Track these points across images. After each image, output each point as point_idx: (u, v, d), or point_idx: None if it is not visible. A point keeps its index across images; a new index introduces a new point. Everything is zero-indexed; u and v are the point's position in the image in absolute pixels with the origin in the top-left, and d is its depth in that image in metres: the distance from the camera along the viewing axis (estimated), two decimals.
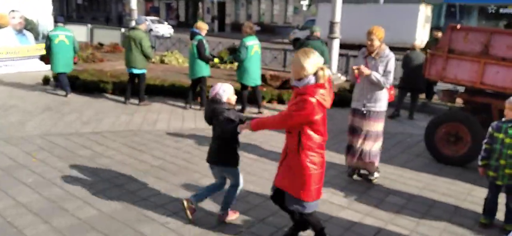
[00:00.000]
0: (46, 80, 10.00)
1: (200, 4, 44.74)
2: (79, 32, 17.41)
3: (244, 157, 5.40)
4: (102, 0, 55.87)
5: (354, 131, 5.03)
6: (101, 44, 17.95)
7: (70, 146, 5.86)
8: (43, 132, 6.39)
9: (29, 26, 11.50)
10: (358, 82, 4.94)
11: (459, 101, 6.82)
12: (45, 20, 11.84)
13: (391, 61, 4.78)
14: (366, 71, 4.73)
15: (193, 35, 8.09)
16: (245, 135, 4.88)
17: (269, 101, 9.38)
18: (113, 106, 8.39)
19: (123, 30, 19.51)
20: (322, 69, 3.12)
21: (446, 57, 5.84)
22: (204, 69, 8.21)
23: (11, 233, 3.55)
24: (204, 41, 8.06)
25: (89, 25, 20.85)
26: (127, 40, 8.26)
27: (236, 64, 8.77)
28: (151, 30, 28.93)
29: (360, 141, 4.95)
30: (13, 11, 11.15)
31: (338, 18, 12.06)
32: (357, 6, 25.12)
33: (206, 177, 4.88)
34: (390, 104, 5.20)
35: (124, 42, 8.75)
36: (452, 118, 5.98)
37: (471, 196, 4.85)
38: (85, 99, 8.84)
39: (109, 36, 19.74)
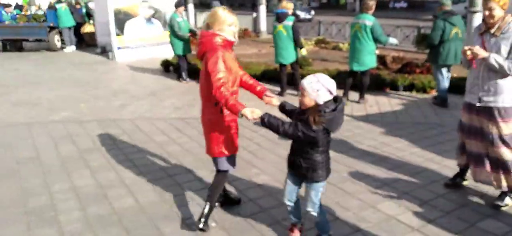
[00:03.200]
0: (165, 65, 10.66)
1: None
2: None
3: None
4: None
5: (470, 132, 3.81)
6: None
7: (151, 131, 6.00)
8: (135, 117, 6.73)
9: (157, 15, 12.47)
10: (474, 67, 3.69)
11: None
12: (171, 9, 12.68)
13: None
14: (481, 52, 3.51)
15: (282, 17, 7.49)
16: None
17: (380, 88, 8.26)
18: None
19: (254, 15, 19.89)
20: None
21: None
22: (293, 54, 7.65)
23: (48, 218, 3.68)
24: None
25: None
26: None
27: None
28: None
29: (482, 145, 3.72)
30: (143, 1, 12.21)
31: None
32: None
33: (264, 174, 4.42)
34: None
35: None
36: None
37: None
38: (192, 84, 9.12)
39: (242, 22, 20.34)
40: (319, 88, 2.66)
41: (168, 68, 10.57)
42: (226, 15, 3.12)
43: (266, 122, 2.80)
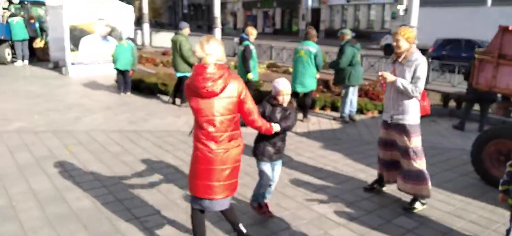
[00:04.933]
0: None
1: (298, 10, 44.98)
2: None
3: None
4: (206, 9, 59.29)
5: (386, 144, 4.55)
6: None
7: (106, 142, 6.29)
8: (90, 128, 6.97)
9: (113, 33, 12.71)
10: (383, 89, 4.49)
11: None
12: (127, 27, 13.00)
13: (421, 66, 4.17)
14: (389, 77, 4.23)
15: (241, 40, 8.15)
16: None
17: (322, 108, 9.03)
18: (167, 107, 8.83)
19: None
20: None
21: (497, 63, 4.99)
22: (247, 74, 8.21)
23: (8, 216, 3.92)
24: (251, 47, 8.07)
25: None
26: (172, 44, 8.60)
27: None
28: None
29: (397, 155, 4.42)
30: (99, 19, 12.42)
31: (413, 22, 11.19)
32: (457, 9, 22.82)
33: None
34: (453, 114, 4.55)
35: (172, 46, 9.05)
36: (504, 134, 5.09)
37: (503, 226, 4.06)
38: (145, 100, 9.45)
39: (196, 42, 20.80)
40: None
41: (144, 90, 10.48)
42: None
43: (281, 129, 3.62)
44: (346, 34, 8.01)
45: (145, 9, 22.48)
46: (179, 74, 8.67)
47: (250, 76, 7.95)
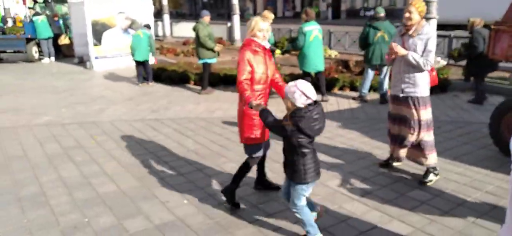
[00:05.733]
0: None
1: None
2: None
3: None
4: None
5: (394, 119, 4.57)
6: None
7: (129, 130, 6.54)
8: (113, 119, 7.25)
9: (134, 25, 12.96)
10: (389, 62, 4.47)
11: None
12: (147, 19, 13.23)
13: (432, 39, 4.18)
14: (401, 50, 4.25)
15: None
16: None
17: (341, 88, 9.03)
18: (187, 95, 9.03)
19: (229, 24, 20.56)
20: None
21: None
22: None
23: (39, 202, 4.19)
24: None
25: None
26: (194, 32, 8.77)
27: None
28: None
29: (405, 130, 4.43)
30: (120, 13, 12.72)
31: None
32: None
33: (232, 162, 5.01)
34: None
35: None
36: None
37: None
38: (166, 89, 9.69)
39: (216, 30, 20.94)
40: (295, 91, 2.96)
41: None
42: (257, 23, 3.71)
43: (260, 114, 3.27)
44: (377, 13, 7.95)
45: (164, 1, 22.77)
46: (200, 61, 8.86)
47: (279, 51, 8.29)
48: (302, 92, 2.96)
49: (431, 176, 4.41)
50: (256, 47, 3.72)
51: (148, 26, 10.71)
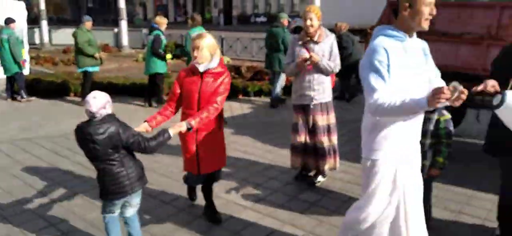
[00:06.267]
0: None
1: None
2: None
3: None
4: (113, 2, 56.38)
5: (302, 130, 4.36)
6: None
7: None
8: None
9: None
10: (301, 71, 4.21)
11: None
12: (19, 26, 11.79)
13: (335, 42, 4.26)
14: (317, 58, 4.09)
15: (151, 30, 7.93)
16: None
17: (234, 94, 9.01)
18: (66, 109, 8.23)
19: (116, 30, 19.42)
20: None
21: None
22: (158, 66, 7.96)
23: None
24: (162, 37, 7.89)
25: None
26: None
27: None
28: None
29: (319, 138, 4.30)
30: None
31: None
32: None
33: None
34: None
35: None
36: None
37: None
38: (42, 103, 8.70)
39: (102, 36, 19.64)
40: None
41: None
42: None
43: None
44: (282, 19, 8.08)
45: (42, 5, 20.53)
46: (80, 70, 8.17)
47: (169, 56, 8.13)
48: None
49: (320, 177, 4.51)
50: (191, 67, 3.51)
51: (10, 21, 8.95)
